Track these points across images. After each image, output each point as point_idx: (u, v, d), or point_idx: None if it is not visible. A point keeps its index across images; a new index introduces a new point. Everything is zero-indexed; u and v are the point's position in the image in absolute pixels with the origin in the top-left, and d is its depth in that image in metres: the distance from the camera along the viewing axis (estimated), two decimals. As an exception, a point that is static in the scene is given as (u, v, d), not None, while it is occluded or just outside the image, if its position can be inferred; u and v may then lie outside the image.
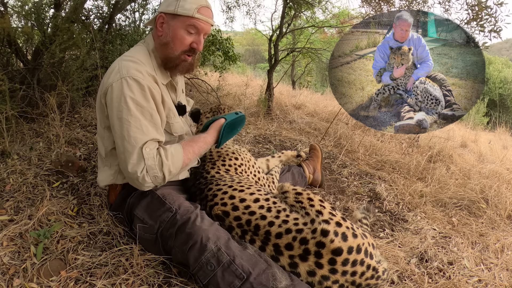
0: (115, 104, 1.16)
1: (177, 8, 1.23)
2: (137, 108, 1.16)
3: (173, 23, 1.25)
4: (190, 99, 1.67)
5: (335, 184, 2.24)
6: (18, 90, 2.00)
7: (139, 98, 1.17)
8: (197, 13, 1.24)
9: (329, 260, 1.09)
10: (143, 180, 1.15)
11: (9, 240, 1.21)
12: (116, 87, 1.16)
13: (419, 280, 1.37)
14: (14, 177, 1.59)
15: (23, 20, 2.37)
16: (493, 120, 9.54)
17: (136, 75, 1.17)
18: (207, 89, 4.10)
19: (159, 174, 1.16)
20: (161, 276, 1.18)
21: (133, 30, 3.30)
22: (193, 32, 1.27)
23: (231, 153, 1.56)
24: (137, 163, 1.15)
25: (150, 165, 1.15)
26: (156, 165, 1.16)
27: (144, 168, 1.15)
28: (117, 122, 1.16)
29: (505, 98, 16.56)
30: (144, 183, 1.16)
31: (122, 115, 1.15)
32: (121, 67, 1.18)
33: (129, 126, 1.15)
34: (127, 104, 1.15)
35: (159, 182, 1.18)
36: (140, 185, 1.18)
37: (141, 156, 1.15)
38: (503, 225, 1.94)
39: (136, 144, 1.14)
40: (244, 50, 22.22)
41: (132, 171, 1.14)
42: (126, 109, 1.15)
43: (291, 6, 3.80)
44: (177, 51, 1.28)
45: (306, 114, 4.20)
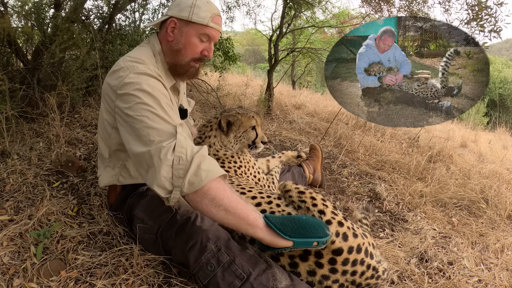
0: (132, 96, 1.08)
1: (191, 15, 1.21)
2: (158, 93, 1.10)
3: (186, 30, 1.23)
4: (191, 99, 1.66)
5: (335, 184, 2.24)
6: (18, 90, 2.00)
7: (158, 85, 1.13)
8: (211, 22, 1.23)
9: (329, 260, 1.09)
10: (164, 156, 0.97)
11: (9, 240, 1.21)
12: (130, 80, 1.10)
13: (419, 280, 1.37)
14: (14, 177, 1.59)
15: (23, 20, 2.37)
16: (493, 120, 9.55)
17: (146, 70, 1.14)
18: (207, 89, 4.10)
19: (186, 157, 0.97)
20: (161, 276, 1.18)
21: (133, 30, 3.29)
22: (205, 40, 1.27)
23: (230, 156, 1.56)
24: (167, 137, 1.01)
25: (180, 139, 1.00)
26: (188, 145, 1.00)
27: (174, 141, 0.99)
28: (138, 112, 1.04)
29: (505, 98, 16.57)
30: (164, 163, 0.96)
31: (141, 100, 1.05)
32: (128, 66, 1.15)
33: (150, 111, 1.04)
34: (146, 91, 1.07)
35: (180, 172, 0.97)
36: (158, 163, 0.97)
37: (171, 131, 1.02)
38: (503, 225, 1.94)
39: (164, 123, 1.03)
40: (244, 50, 22.21)
41: (155, 146, 0.99)
42: (148, 95, 1.06)
43: (291, 6, 3.80)
44: (188, 58, 1.27)
45: (306, 114, 4.20)
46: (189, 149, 1.00)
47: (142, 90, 1.08)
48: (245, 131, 1.57)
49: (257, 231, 1.00)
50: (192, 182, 0.97)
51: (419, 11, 3.17)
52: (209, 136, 1.55)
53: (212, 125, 1.57)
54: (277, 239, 0.99)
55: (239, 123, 1.56)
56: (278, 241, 0.99)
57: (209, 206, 0.98)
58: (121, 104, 1.10)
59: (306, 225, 1.01)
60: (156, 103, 1.07)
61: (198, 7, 1.22)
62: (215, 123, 1.57)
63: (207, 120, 1.63)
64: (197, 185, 0.96)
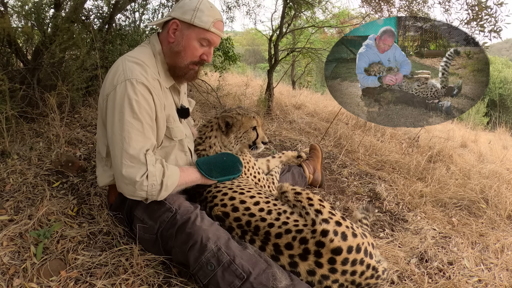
0: (117, 105, 1.14)
1: (193, 18, 1.22)
2: (140, 111, 1.14)
3: (188, 32, 1.24)
4: (192, 99, 1.66)
5: (335, 184, 2.24)
6: (18, 90, 2.00)
7: (143, 101, 1.15)
8: (213, 27, 1.24)
9: (328, 260, 1.09)
10: (140, 185, 1.11)
11: (9, 240, 1.21)
12: (120, 89, 1.14)
13: (419, 280, 1.37)
14: (14, 177, 1.59)
15: (23, 20, 2.37)
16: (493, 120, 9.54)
17: (141, 78, 1.16)
18: (207, 89, 4.10)
19: (157, 182, 1.14)
20: (161, 276, 1.18)
21: (133, 30, 3.29)
22: (205, 44, 1.28)
23: None
24: (138, 168, 1.12)
25: (151, 171, 1.12)
26: (157, 172, 1.14)
27: (146, 174, 1.12)
28: (118, 124, 1.14)
29: (505, 98, 16.57)
30: (139, 189, 1.12)
31: (124, 116, 1.13)
32: (126, 69, 1.17)
33: (131, 128, 1.13)
34: (131, 106, 1.13)
35: (153, 193, 1.14)
36: (132, 191, 1.13)
37: (143, 161, 1.12)
38: (503, 225, 1.94)
39: (137, 148, 1.13)
40: (244, 50, 22.22)
41: (128, 175, 1.11)
42: (130, 111, 1.13)
43: (291, 6, 3.80)
44: (187, 61, 1.28)
45: (306, 114, 4.20)
46: (158, 175, 1.15)
47: (130, 105, 1.13)
48: (245, 131, 1.57)
49: (197, 182, 1.33)
50: (163, 196, 1.18)
51: (419, 11, 3.17)
52: (209, 137, 1.55)
53: (213, 125, 1.57)
54: (207, 180, 1.35)
55: (240, 124, 1.55)
56: (208, 181, 1.35)
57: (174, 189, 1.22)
58: (108, 107, 1.17)
59: (226, 167, 1.40)
60: (137, 124, 1.14)
61: (201, 11, 1.22)
62: (215, 123, 1.57)
63: (208, 120, 1.63)
64: (166, 194, 1.19)
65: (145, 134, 1.15)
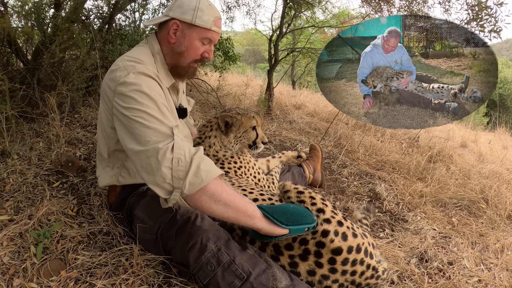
0: (129, 97, 1.07)
1: (194, 18, 1.21)
2: (155, 94, 1.10)
3: (189, 33, 1.24)
4: (191, 99, 1.66)
5: (335, 184, 2.24)
6: (18, 90, 2.00)
7: (155, 86, 1.13)
8: (214, 26, 1.24)
9: (329, 260, 1.09)
10: (163, 157, 0.96)
11: (9, 240, 1.21)
12: (129, 80, 1.09)
13: (419, 280, 1.37)
14: (14, 177, 1.59)
15: (23, 20, 2.37)
16: (493, 120, 9.54)
17: (144, 70, 1.14)
18: (207, 89, 4.10)
19: (186, 158, 0.97)
20: (161, 276, 1.18)
21: (133, 30, 3.29)
22: (206, 43, 1.28)
23: (230, 157, 1.55)
24: (162, 137, 1.00)
25: (178, 142, 0.99)
26: (185, 147, 0.99)
27: (172, 143, 0.98)
28: (135, 113, 1.04)
29: (505, 98, 16.58)
30: (163, 163, 0.96)
31: (138, 101, 1.05)
32: (126, 66, 1.15)
33: (152, 111, 1.04)
34: (144, 92, 1.07)
35: (179, 173, 0.96)
36: (155, 167, 0.96)
37: (169, 133, 1.01)
38: (503, 225, 1.94)
39: (164, 122, 1.04)
40: (244, 50, 22.23)
41: (151, 144, 0.98)
42: (146, 96, 1.06)
43: (291, 6, 3.80)
44: (189, 60, 1.28)
45: (306, 114, 4.20)
46: (187, 151, 0.99)
47: (140, 91, 1.07)
48: (245, 131, 1.57)
49: (256, 222, 1.03)
50: (193, 183, 0.96)
51: (419, 11, 3.16)
52: (209, 137, 1.55)
53: (212, 125, 1.57)
54: (274, 228, 1.04)
55: (239, 123, 1.55)
56: (275, 229, 1.04)
57: (209, 202, 0.99)
58: (119, 103, 1.10)
59: (296, 213, 1.07)
60: (153, 105, 1.07)
61: (202, 10, 1.22)
62: (215, 123, 1.57)
63: (207, 120, 1.63)
64: (198, 186, 0.97)
65: (166, 115, 1.09)
